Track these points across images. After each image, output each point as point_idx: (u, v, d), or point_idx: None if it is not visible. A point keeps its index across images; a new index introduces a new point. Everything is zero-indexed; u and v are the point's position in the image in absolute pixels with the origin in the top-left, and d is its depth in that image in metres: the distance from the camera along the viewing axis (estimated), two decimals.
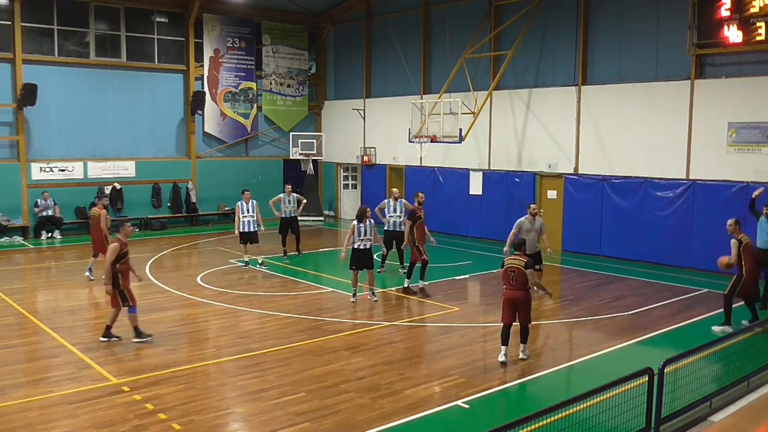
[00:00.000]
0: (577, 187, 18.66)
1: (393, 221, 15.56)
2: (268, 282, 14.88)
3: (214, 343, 10.57)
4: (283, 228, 17.59)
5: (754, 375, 8.51)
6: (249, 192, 16.88)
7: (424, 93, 22.50)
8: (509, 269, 9.63)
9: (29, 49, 20.54)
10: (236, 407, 8.06)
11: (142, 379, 8.80)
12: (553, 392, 8.61)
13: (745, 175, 15.48)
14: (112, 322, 10.44)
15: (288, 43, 25.84)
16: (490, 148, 20.84)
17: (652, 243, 17.08)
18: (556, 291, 14.84)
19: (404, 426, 7.52)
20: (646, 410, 6.82)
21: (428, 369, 9.39)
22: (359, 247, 12.95)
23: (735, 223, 11.47)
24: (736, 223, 11.48)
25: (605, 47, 18.17)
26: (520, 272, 9.54)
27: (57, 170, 21.15)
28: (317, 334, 10.91)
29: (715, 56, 16.03)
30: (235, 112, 24.68)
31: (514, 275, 9.53)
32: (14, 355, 9.88)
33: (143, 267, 16.19)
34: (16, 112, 20.38)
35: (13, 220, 20.33)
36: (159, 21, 22.99)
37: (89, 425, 7.42)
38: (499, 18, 20.26)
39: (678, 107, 16.53)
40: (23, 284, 15.06)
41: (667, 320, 11.99)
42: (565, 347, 10.98)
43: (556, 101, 19.04)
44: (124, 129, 22.42)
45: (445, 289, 14.46)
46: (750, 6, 14.91)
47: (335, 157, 26.29)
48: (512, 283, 9.59)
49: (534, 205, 13.40)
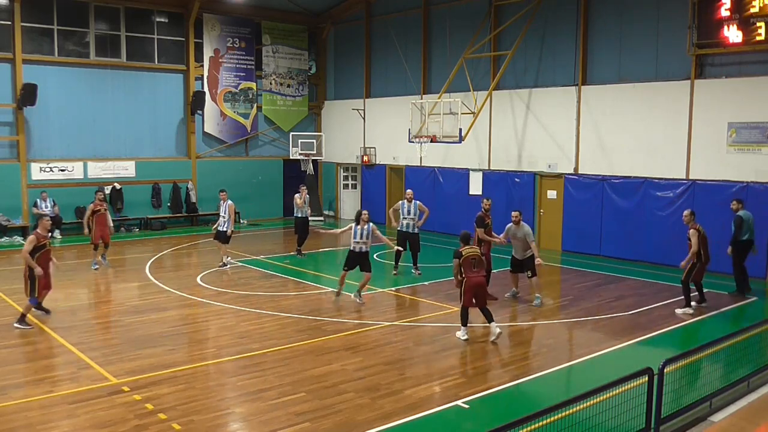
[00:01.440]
0: (577, 187, 18.66)
1: (406, 223, 15.72)
2: (268, 282, 14.88)
3: (214, 343, 10.57)
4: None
5: (754, 375, 8.52)
6: (225, 192, 16.67)
7: (424, 93, 22.51)
8: (471, 257, 10.66)
9: (29, 49, 20.55)
10: (236, 407, 8.06)
11: (142, 379, 8.80)
12: (553, 392, 8.62)
13: (745, 175, 15.48)
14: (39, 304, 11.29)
15: (288, 43, 25.85)
16: (490, 148, 20.84)
17: (652, 243, 17.08)
18: (556, 291, 14.86)
19: (404, 426, 7.52)
20: (646, 410, 6.82)
21: (428, 369, 9.39)
22: (354, 249, 13.05)
23: (690, 214, 12.55)
24: (691, 214, 12.55)
25: (605, 47, 18.17)
26: (480, 259, 10.76)
27: (57, 170, 21.15)
28: (317, 334, 10.91)
29: (715, 56, 16.03)
30: (235, 112, 24.68)
31: (475, 262, 10.57)
32: (14, 355, 9.88)
33: (143, 267, 16.20)
34: (16, 112, 20.38)
35: (13, 220, 20.34)
36: (159, 21, 22.99)
37: (89, 425, 7.42)
38: (499, 18, 20.26)
39: (678, 107, 16.53)
40: (23, 284, 15.02)
41: (667, 320, 11.99)
42: (565, 347, 10.98)
43: (556, 101, 19.04)
44: (124, 129, 22.42)
45: (445, 289, 14.45)
46: (750, 6, 14.91)
47: (335, 157, 26.29)
48: (475, 270, 10.63)
49: (516, 213, 13.19)
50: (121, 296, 13.59)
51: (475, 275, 10.60)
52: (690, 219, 12.49)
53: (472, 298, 10.64)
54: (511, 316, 12.26)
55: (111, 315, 12.30)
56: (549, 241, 19.42)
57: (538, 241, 19.66)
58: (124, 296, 13.61)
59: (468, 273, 10.59)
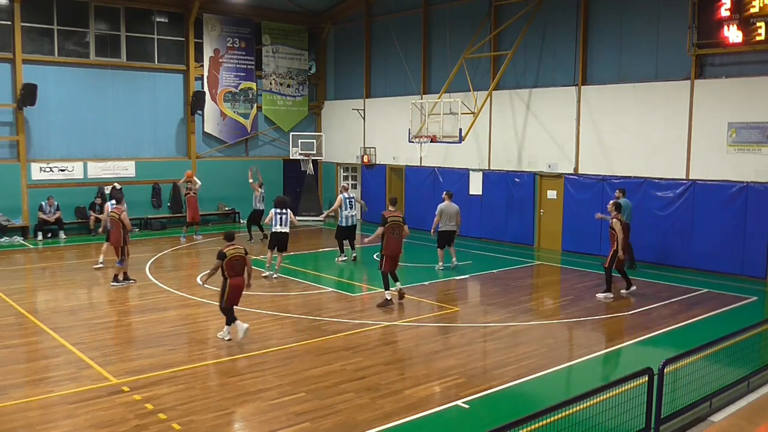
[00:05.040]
0: (577, 187, 18.66)
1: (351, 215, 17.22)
2: (268, 282, 14.88)
3: (214, 343, 10.56)
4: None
5: (754, 375, 8.51)
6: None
7: (424, 93, 22.51)
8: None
9: (29, 49, 20.54)
10: (236, 407, 8.06)
11: (142, 379, 8.80)
12: (553, 392, 8.62)
13: (745, 175, 15.48)
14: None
15: (288, 43, 25.84)
16: (490, 148, 20.84)
17: (652, 243, 17.08)
18: (556, 291, 14.87)
19: (404, 426, 7.52)
20: (646, 410, 6.81)
21: (428, 369, 9.39)
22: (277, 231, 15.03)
23: (614, 204, 13.63)
24: (614, 204, 13.61)
25: (605, 47, 18.17)
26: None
27: (57, 170, 21.14)
28: (317, 334, 10.91)
29: (715, 56, 16.03)
30: (235, 112, 24.68)
31: (238, 263, 10.66)
32: (14, 355, 9.88)
33: (143, 267, 16.20)
34: (16, 112, 20.37)
35: (13, 220, 20.33)
36: (159, 21, 22.99)
37: (89, 425, 7.42)
38: (499, 18, 20.26)
39: (678, 107, 16.53)
40: (23, 284, 15.06)
41: (667, 320, 11.99)
42: (565, 347, 10.98)
43: (556, 101, 19.04)
44: (124, 129, 22.41)
45: (445, 289, 14.47)
46: (750, 6, 14.90)
47: (335, 157, 26.29)
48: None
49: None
50: (121, 296, 13.58)
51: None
52: (613, 209, 13.48)
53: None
54: (511, 316, 12.26)
55: (111, 315, 12.30)
56: (549, 241, 19.43)
57: (538, 241, 19.75)
58: (125, 296, 13.61)
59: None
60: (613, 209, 13.50)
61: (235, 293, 10.49)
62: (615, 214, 13.41)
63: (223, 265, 10.34)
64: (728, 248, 15.75)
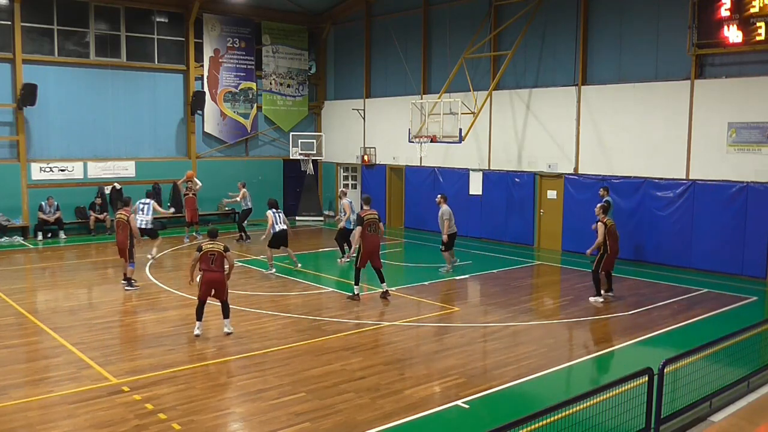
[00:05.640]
0: (577, 187, 18.66)
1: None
2: (268, 282, 14.88)
3: (214, 343, 10.56)
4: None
5: (754, 375, 8.51)
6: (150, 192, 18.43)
7: (424, 93, 22.51)
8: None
9: (29, 49, 20.54)
10: (236, 407, 8.07)
11: (142, 379, 8.80)
12: (553, 392, 8.62)
13: (745, 175, 15.48)
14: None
15: (288, 43, 25.84)
16: (490, 148, 20.84)
17: (652, 243, 17.08)
18: (556, 291, 14.87)
19: (404, 426, 7.52)
20: (646, 410, 6.82)
21: (428, 369, 9.39)
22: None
23: (601, 208, 13.35)
24: (602, 208, 13.33)
25: (605, 47, 18.17)
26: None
27: (57, 170, 21.14)
28: (317, 334, 10.91)
29: (715, 56, 16.02)
30: (235, 112, 24.68)
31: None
32: (14, 355, 9.88)
33: (143, 267, 16.19)
34: (16, 112, 20.37)
35: (13, 220, 20.33)
36: (159, 21, 22.98)
37: (89, 425, 7.42)
38: (499, 18, 20.26)
39: (678, 107, 16.53)
40: (23, 284, 15.06)
41: (667, 320, 11.99)
42: (565, 347, 10.98)
43: (556, 101, 19.04)
44: (124, 129, 22.41)
45: (445, 289, 14.47)
46: (750, 6, 14.90)
47: (335, 157, 26.29)
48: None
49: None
50: (121, 296, 13.58)
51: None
52: (600, 212, 13.23)
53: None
54: (511, 316, 12.26)
55: (111, 315, 12.28)
56: (549, 241, 19.43)
57: (538, 241, 19.74)
58: (125, 296, 13.61)
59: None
60: (600, 212, 13.20)
61: (207, 287, 10.63)
62: (601, 217, 13.09)
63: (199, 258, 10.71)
64: (728, 248, 15.75)
